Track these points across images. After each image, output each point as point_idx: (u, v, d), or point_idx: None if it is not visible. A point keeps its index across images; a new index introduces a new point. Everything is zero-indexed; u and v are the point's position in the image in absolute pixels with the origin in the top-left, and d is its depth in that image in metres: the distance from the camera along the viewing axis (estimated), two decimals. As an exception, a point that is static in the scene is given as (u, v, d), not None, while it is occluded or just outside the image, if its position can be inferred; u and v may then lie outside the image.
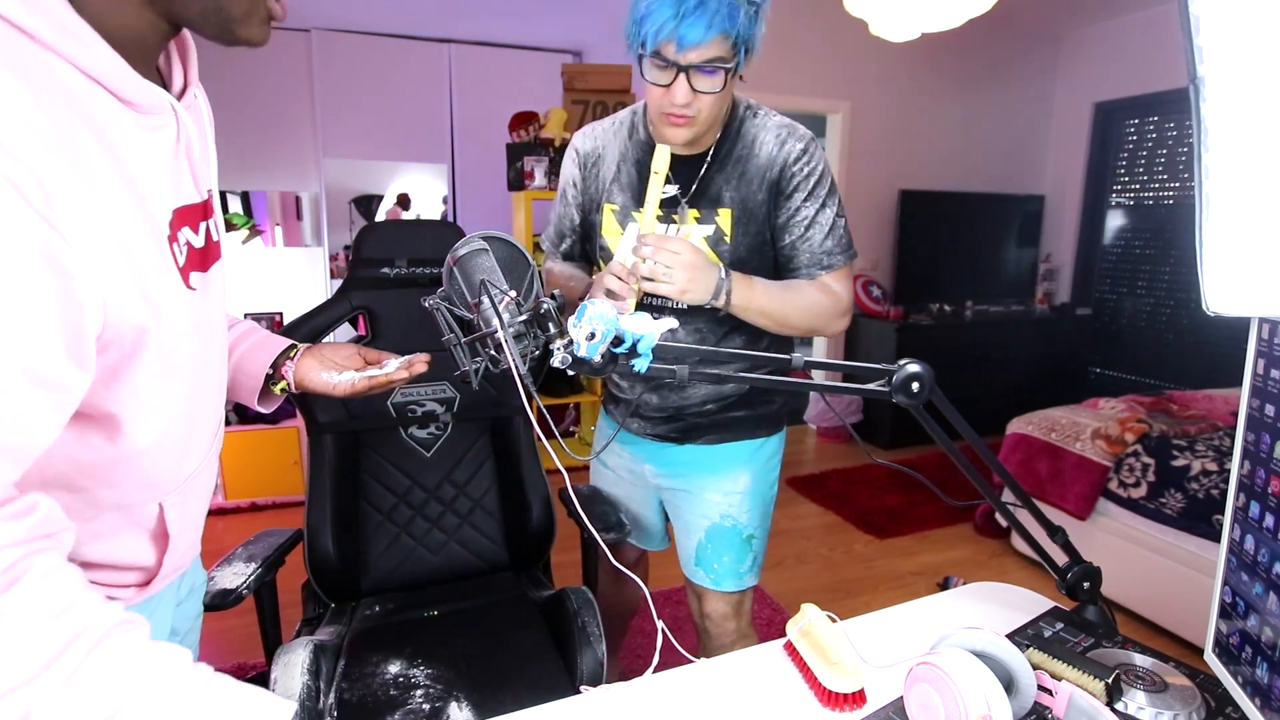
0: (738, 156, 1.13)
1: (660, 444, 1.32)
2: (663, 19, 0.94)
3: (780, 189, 1.12)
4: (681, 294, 1.03)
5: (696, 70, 0.98)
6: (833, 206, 1.14)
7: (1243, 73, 0.58)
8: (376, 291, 1.52)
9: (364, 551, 1.50)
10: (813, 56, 4.07)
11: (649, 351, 0.76)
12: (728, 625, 1.34)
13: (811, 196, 1.12)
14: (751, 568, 1.33)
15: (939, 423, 0.86)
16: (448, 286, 0.85)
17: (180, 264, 0.63)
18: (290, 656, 1.11)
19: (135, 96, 0.56)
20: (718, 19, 0.93)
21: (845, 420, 4.25)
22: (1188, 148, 4.11)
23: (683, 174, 1.14)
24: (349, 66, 4.70)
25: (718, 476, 1.29)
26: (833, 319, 1.16)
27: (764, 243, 1.15)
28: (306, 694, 1.06)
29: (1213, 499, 2.05)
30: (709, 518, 1.30)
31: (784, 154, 1.11)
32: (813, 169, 1.12)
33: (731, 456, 1.29)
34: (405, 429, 1.55)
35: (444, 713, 1.11)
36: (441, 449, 1.58)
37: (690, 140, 1.08)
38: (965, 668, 0.67)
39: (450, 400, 1.57)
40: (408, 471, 1.55)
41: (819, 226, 1.13)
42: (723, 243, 1.14)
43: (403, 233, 1.57)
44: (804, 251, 1.14)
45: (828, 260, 1.15)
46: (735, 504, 1.29)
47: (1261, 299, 0.62)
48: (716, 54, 0.97)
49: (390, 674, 1.19)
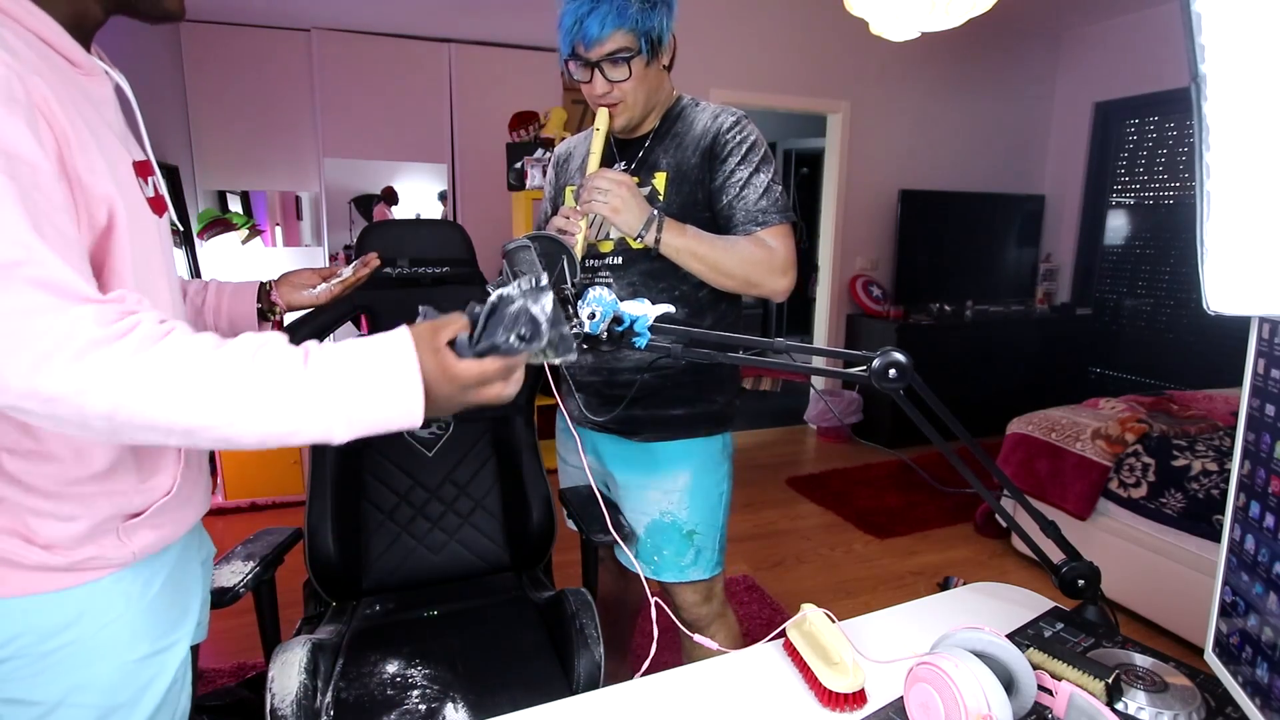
0: (675, 132, 1.26)
1: (604, 436, 1.35)
2: (569, 25, 1.12)
3: (714, 154, 1.21)
4: (614, 212, 1.12)
5: (607, 62, 1.13)
6: (766, 172, 1.22)
7: (1244, 71, 0.57)
8: (378, 291, 1.53)
9: (365, 550, 1.50)
10: (813, 56, 4.07)
11: (645, 330, 0.87)
12: (700, 611, 1.38)
13: (744, 161, 1.21)
14: (695, 561, 1.34)
15: (937, 425, 0.87)
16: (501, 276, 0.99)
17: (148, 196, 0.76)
18: (288, 655, 1.11)
19: (78, 59, 0.69)
20: (610, 17, 1.09)
21: (844, 420, 4.26)
22: (1188, 148, 4.11)
23: (628, 153, 1.28)
24: (349, 66, 4.70)
25: (656, 475, 1.32)
26: (769, 273, 1.20)
27: (696, 202, 1.23)
28: (303, 693, 1.06)
29: (1213, 499, 2.05)
30: (648, 514, 1.33)
31: (717, 124, 1.22)
32: (744, 137, 1.22)
33: (670, 455, 1.31)
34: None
35: (440, 713, 1.11)
36: (443, 449, 1.57)
37: (629, 124, 1.22)
38: (965, 667, 0.67)
39: None
40: (409, 471, 1.55)
41: (753, 187, 1.21)
42: (657, 201, 1.23)
43: (405, 232, 1.57)
44: (740, 210, 1.21)
45: (763, 217, 1.21)
46: (675, 501, 1.32)
47: (1261, 298, 0.62)
48: (618, 46, 1.12)
49: (388, 674, 1.19)
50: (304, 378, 0.59)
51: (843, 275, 4.45)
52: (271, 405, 0.58)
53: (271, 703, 1.04)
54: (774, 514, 3.16)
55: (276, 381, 0.58)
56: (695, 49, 3.79)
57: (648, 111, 1.23)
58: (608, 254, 1.27)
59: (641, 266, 1.24)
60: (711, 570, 1.36)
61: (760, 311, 6.93)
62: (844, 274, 4.45)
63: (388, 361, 0.62)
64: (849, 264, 4.45)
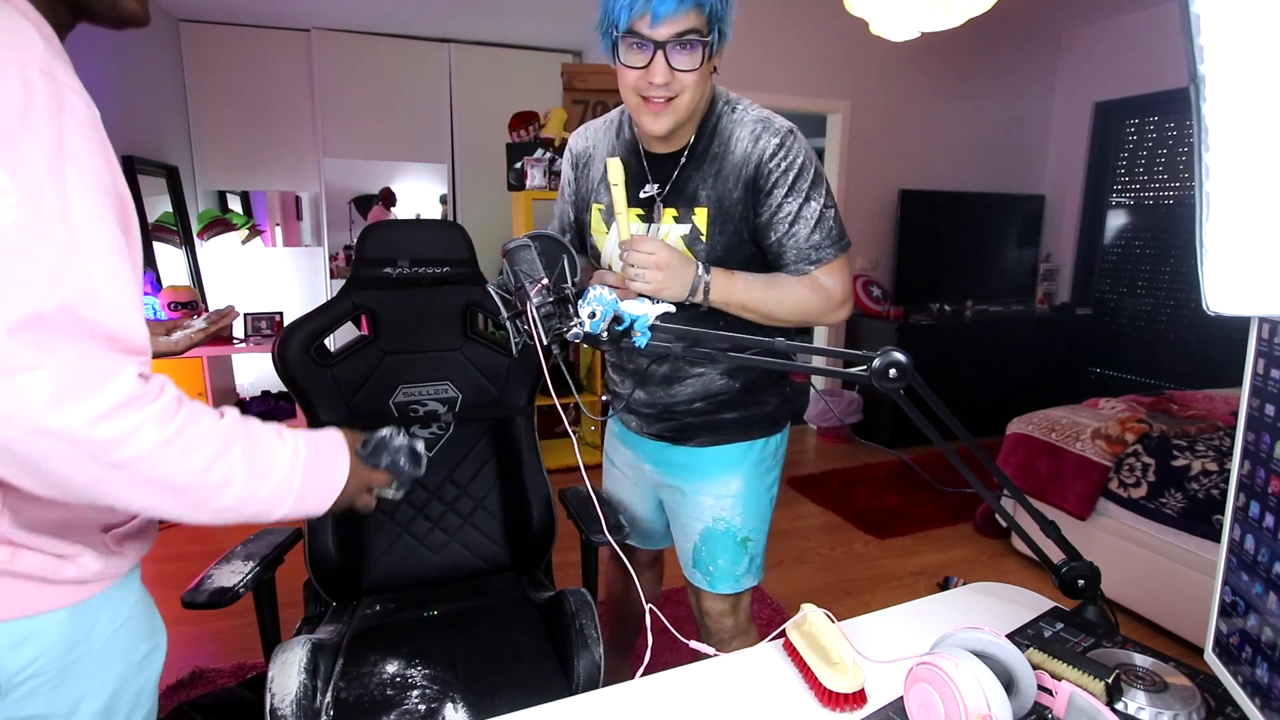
0: (714, 154, 1.11)
1: (657, 443, 1.33)
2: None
3: (758, 186, 1.09)
4: (658, 291, 1.04)
5: (673, 46, 0.97)
6: (818, 200, 1.10)
7: (1244, 72, 0.58)
8: (378, 291, 1.53)
9: (365, 551, 1.50)
10: (813, 56, 4.07)
11: (645, 330, 0.87)
12: (725, 621, 1.35)
13: (793, 191, 1.09)
14: (749, 569, 1.33)
15: (937, 425, 0.87)
16: (501, 275, 1.00)
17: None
18: (288, 655, 1.11)
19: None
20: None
21: (844, 421, 4.26)
22: (1188, 148, 4.11)
23: (660, 172, 1.14)
24: (349, 66, 4.70)
25: (710, 480, 1.29)
26: (824, 313, 1.14)
27: (741, 241, 1.13)
28: (303, 693, 1.06)
29: (1213, 499, 2.05)
30: (702, 520, 1.30)
31: (759, 151, 1.08)
32: (790, 163, 1.08)
33: (723, 459, 1.28)
34: (407, 429, 1.55)
35: (439, 714, 1.11)
36: (444, 449, 1.58)
37: (672, 130, 1.06)
38: (965, 667, 0.67)
39: (452, 400, 1.57)
40: None
41: (804, 221, 1.10)
42: (699, 242, 1.13)
43: (405, 232, 1.57)
44: (790, 248, 1.11)
45: (816, 255, 1.11)
46: (728, 507, 1.29)
47: (1261, 299, 0.62)
48: (691, 25, 0.96)
49: (387, 674, 1.19)
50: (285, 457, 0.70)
51: (843, 275, 4.45)
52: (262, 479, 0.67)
53: (271, 703, 1.04)
54: (774, 514, 3.16)
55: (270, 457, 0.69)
56: (695, 49, 3.79)
57: (691, 117, 1.08)
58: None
59: (692, 310, 1.16)
60: (756, 578, 1.34)
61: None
62: (844, 274, 4.45)
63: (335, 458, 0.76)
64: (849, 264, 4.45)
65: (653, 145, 1.14)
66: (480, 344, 1.60)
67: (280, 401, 3.31)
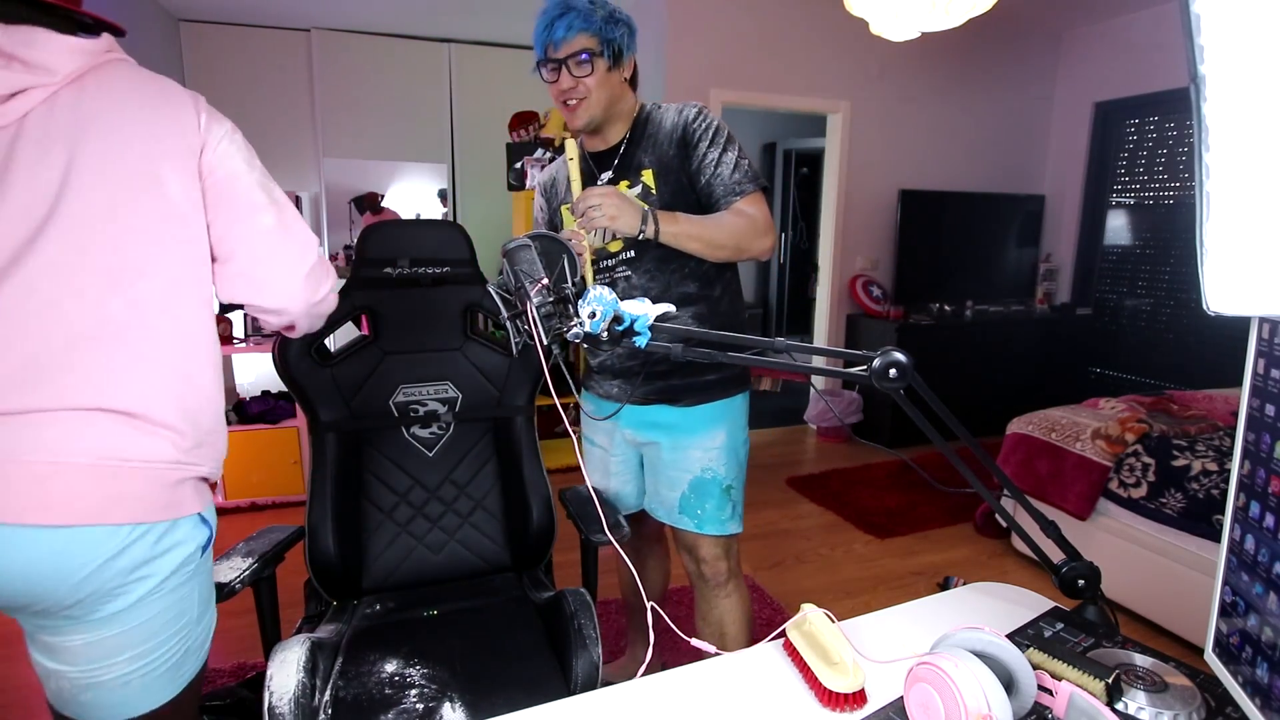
0: (649, 134, 1.39)
1: (644, 409, 1.46)
2: (540, 30, 1.28)
3: (687, 141, 1.36)
4: (613, 220, 1.23)
5: (572, 60, 1.28)
6: (733, 150, 1.36)
7: (1244, 72, 0.58)
8: (378, 291, 1.53)
9: (365, 550, 1.50)
10: (813, 56, 4.07)
11: (645, 329, 0.90)
12: (720, 565, 1.48)
13: (713, 143, 1.35)
14: (732, 515, 1.47)
15: (937, 425, 0.87)
16: (501, 275, 1.03)
17: None
18: (287, 653, 1.11)
19: None
20: (576, 21, 1.25)
21: (844, 421, 4.26)
22: (1188, 148, 4.11)
23: (606, 162, 1.41)
24: (349, 66, 4.70)
25: (698, 435, 1.44)
26: (754, 237, 1.34)
27: (683, 188, 1.37)
28: (301, 691, 1.06)
29: (1213, 499, 2.05)
30: (691, 471, 1.44)
31: (683, 118, 1.37)
32: (709, 123, 1.36)
33: (709, 416, 1.44)
34: (408, 428, 1.55)
35: (437, 713, 1.11)
36: (443, 449, 1.58)
37: (590, 123, 1.35)
38: (965, 668, 0.67)
39: (453, 400, 1.57)
40: (409, 471, 1.55)
41: (725, 164, 1.35)
42: (650, 195, 1.37)
43: (405, 233, 1.58)
44: (718, 186, 1.35)
45: (739, 188, 1.34)
46: (714, 458, 1.44)
47: (1261, 299, 0.62)
48: (583, 45, 1.27)
49: (386, 673, 1.19)
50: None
51: (843, 275, 4.45)
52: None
53: (270, 701, 1.04)
54: (774, 514, 3.16)
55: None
56: (695, 49, 3.79)
57: (608, 115, 1.36)
58: (619, 251, 1.41)
59: (653, 254, 1.38)
60: (740, 525, 1.49)
61: (760, 311, 6.93)
62: (844, 274, 4.45)
63: None
64: (849, 264, 4.45)
65: (594, 146, 1.43)
66: (480, 344, 1.61)
67: (280, 401, 3.31)
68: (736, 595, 1.51)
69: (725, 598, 1.50)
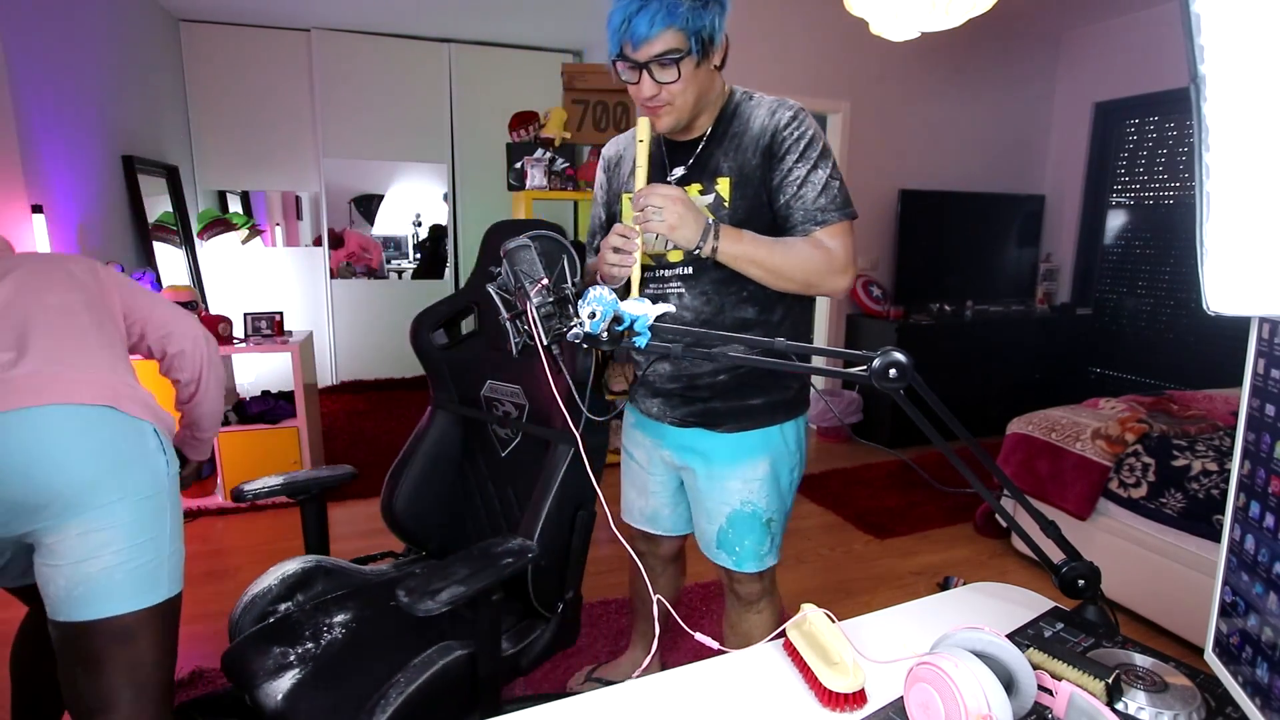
0: (734, 132, 1.22)
1: (682, 430, 1.35)
2: (617, 24, 1.09)
3: (773, 152, 1.19)
4: (671, 230, 1.12)
5: (655, 64, 1.10)
6: (825, 168, 1.19)
7: (1244, 71, 0.57)
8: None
9: (440, 517, 1.63)
10: (813, 56, 4.07)
11: (646, 329, 0.88)
12: (754, 588, 1.42)
13: (803, 158, 1.19)
14: (771, 549, 1.38)
15: (937, 425, 0.87)
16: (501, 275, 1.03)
17: None
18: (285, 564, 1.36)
19: None
20: (659, 16, 1.06)
21: (844, 421, 4.26)
22: (1188, 148, 4.11)
23: (682, 155, 1.25)
24: (349, 66, 4.70)
25: (738, 464, 1.32)
26: (828, 274, 1.19)
27: (761, 204, 1.21)
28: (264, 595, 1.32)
29: (1213, 499, 2.05)
30: (730, 504, 1.33)
31: (775, 121, 1.20)
32: (802, 133, 1.19)
33: (751, 445, 1.32)
34: (490, 423, 1.58)
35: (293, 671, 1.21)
36: (513, 454, 1.55)
37: (676, 126, 1.19)
38: (965, 668, 0.67)
39: (523, 407, 1.52)
40: (489, 464, 1.60)
41: (811, 185, 1.19)
42: (722, 208, 1.22)
43: (521, 231, 1.59)
44: (798, 210, 1.19)
45: (821, 216, 1.19)
46: (755, 490, 1.32)
47: (1261, 299, 0.62)
48: (667, 47, 1.09)
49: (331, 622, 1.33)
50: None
51: (843, 275, 4.45)
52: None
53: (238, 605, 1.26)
54: (774, 514, 3.16)
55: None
56: (695, 49, 3.78)
57: (697, 113, 1.20)
58: (678, 264, 1.27)
59: (713, 274, 1.24)
60: (777, 555, 1.41)
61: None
62: (844, 274, 4.45)
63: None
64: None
65: (674, 134, 1.25)
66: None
67: (280, 401, 3.31)
68: (769, 610, 1.45)
69: (757, 614, 1.45)
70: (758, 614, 1.44)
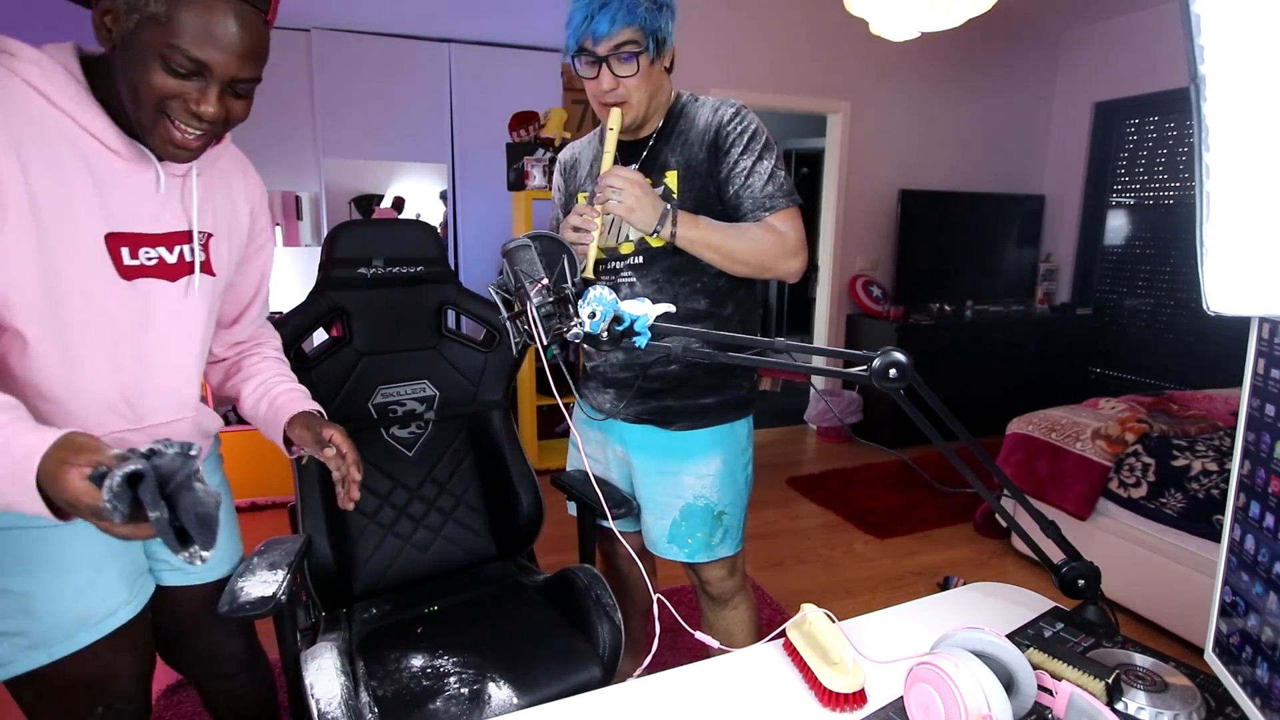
0: (680, 130, 1.28)
1: (634, 428, 1.38)
2: (578, 22, 1.16)
3: (719, 146, 1.25)
4: (629, 212, 1.16)
5: (614, 58, 1.17)
6: (769, 159, 1.25)
7: (1244, 72, 0.58)
8: (352, 292, 1.51)
9: (354, 556, 1.49)
10: (813, 56, 4.07)
11: (646, 329, 0.89)
12: (725, 584, 1.43)
13: (747, 150, 1.24)
14: (723, 539, 1.39)
15: (937, 425, 0.87)
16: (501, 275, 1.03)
17: (126, 262, 0.93)
18: (320, 660, 1.12)
19: (118, 148, 0.89)
20: (620, 14, 1.13)
21: (844, 421, 4.26)
22: (1188, 148, 4.11)
23: (633, 155, 1.31)
24: (349, 66, 4.70)
25: (691, 461, 1.35)
26: (781, 257, 1.23)
27: (709, 196, 1.26)
28: (347, 694, 1.08)
29: (1213, 499, 2.05)
30: (683, 498, 1.36)
31: (718, 118, 1.25)
32: (745, 127, 1.24)
33: (704, 442, 1.35)
34: (387, 430, 1.55)
35: (484, 692, 1.13)
36: (423, 448, 1.57)
37: (632, 123, 1.25)
38: (965, 668, 0.67)
39: (431, 399, 1.57)
40: (390, 472, 1.54)
41: (758, 175, 1.24)
42: (671, 198, 1.27)
43: (378, 232, 1.55)
44: (747, 198, 1.24)
45: (770, 203, 1.24)
46: (708, 485, 1.36)
47: (1261, 299, 0.62)
48: (627, 39, 1.15)
49: (416, 667, 1.20)
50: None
51: (843, 275, 4.45)
52: None
53: (317, 708, 1.05)
54: (774, 514, 3.16)
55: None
56: (695, 49, 3.79)
57: (650, 111, 1.26)
58: (629, 255, 1.31)
59: (663, 264, 1.28)
60: (736, 547, 1.42)
61: (761, 311, 6.93)
62: (844, 274, 4.45)
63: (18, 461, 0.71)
64: (849, 264, 4.45)
65: (626, 133, 1.29)
66: (456, 342, 1.61)
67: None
68: (743, 606, 1.47)
69: (731, 610, 1.46)
70: (734, 610, 1.46)
